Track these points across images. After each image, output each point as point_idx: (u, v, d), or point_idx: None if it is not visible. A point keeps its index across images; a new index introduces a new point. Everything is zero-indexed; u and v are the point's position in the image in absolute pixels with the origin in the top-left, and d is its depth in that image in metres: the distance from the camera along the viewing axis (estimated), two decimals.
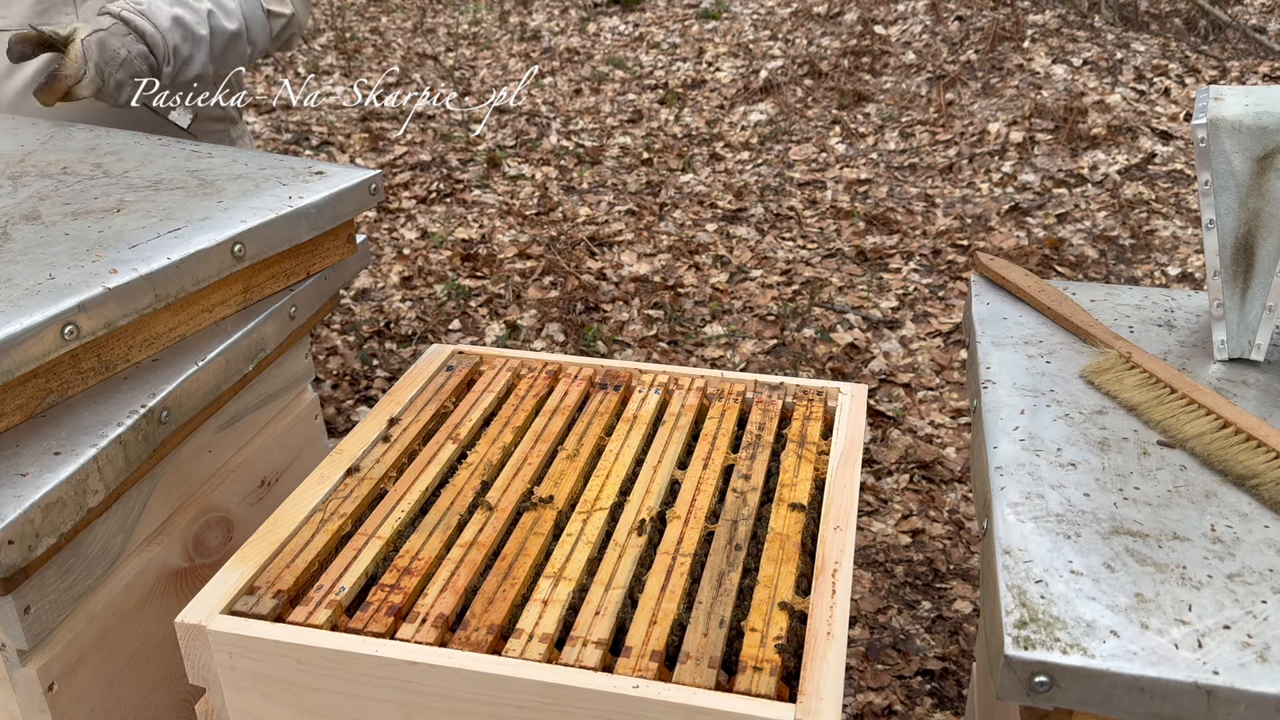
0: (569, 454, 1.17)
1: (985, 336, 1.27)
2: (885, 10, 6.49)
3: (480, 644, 0.91)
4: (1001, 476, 1.01)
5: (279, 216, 1.23)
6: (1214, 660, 0.81)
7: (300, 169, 1.35)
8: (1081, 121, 5.09)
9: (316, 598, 0.96)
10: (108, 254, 1.11)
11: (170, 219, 1.20)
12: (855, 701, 2.35)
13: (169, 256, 1.11)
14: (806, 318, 3.87)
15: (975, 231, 4.40)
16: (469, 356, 1.37)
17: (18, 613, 0.98)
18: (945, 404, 3.38)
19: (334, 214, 1.30)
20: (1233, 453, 1.03)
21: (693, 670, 0.87)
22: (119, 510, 1.10)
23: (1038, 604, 0.86)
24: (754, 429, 1.21)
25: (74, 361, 1.06)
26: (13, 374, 0.98)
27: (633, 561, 1.00)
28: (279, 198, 1.26)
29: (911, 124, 5.39)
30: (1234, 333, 1.19)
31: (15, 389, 1.01)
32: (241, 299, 1.24)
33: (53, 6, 1.62)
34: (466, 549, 1.02)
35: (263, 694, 0.94)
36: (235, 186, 1.30)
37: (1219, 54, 5.66)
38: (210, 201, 1.25)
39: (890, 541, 2.82)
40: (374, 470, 1.15)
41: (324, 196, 1.28)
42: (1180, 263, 4.10)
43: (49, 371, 1.04)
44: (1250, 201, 1.14)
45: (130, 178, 1.33)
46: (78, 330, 1.03)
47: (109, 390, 1.10)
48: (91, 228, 1.18)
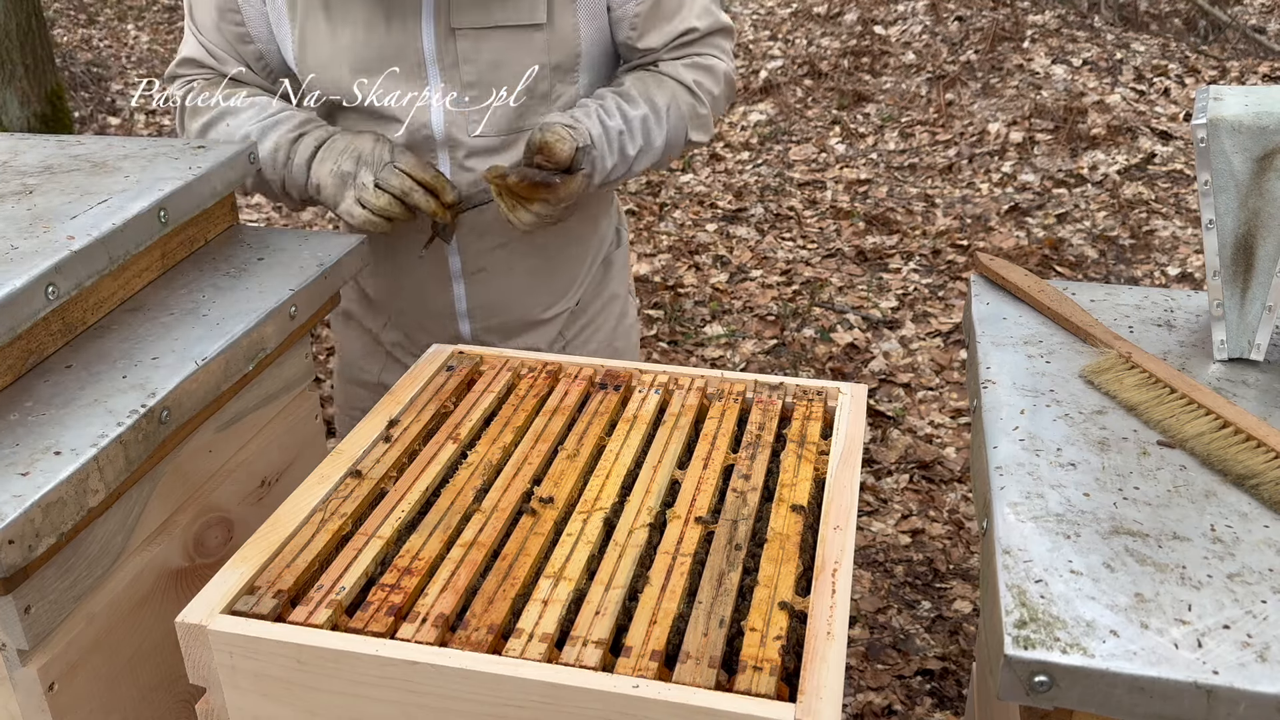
0: (569, 454, 1.17)
1: (985, 336, 1.27)
2: (885, 10, 6.50)
3: (480, 644, 0.91)
4: (1001, 476, 1.01)
5: (190, 182, 1.32)
6: (1214, 660, 0.81)
7: (180, 146, 1.42)
8: (1081, 121, 5.09)
9: (317, 597, 0.96)
10: (54, 226, 1.18)
11: (90, 194, 1.26)
12: (855, 701, 2.35)
13: (113, 222, 1.20)
14: (806, 318, 3.87)
15: (975, 231, 4.40)
16: (469, 356, 1.37)
17: (18, 613, 0.98)
18: (945, 404, 3.38)
19: (227, 180, 1.40)
20: (1232, 453, 1.03)
21: (693, 670, 0.87)
22: (119, 510, 1.10)
23: (1038, 604, 0.86)
24: (754, 429, 1.21)
25: (45, 324, 1.15)
26: (15, 332, 1.07)
27: (633, 561, 1.00)
28: (179, 169, 1.34)
29: (911, 124, 5.39)
30: (1234, 333, 1.19)
31: (5, 351, 1.09)
32: (160, 265, 1.34)
33: (529, 108, 1.54)
34: (466, 549, 1.02)
35: (263, 694, 0.94)
36: (130, 164, 1.36)
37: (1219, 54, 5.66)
38: (117, 178, 1.31)
39: (890, 541, 2.82)
40: (374, 470, 1.15)
41: (218, 164, 1.37)
42: (1180, 263, 4.10)
43: (29, 334, 1.12)
44: (1250, 201, 1.14)
45: (15, 166, 1.36)
46: (58, 290, 1.11)
47: (109, 390, 1.10)
48: (18, 208, 1.23)
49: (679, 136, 1.60)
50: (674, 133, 1.59)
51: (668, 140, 1.58)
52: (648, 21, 1.55)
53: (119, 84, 6.28)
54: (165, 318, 1.24)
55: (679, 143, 1.61)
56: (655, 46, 1.58)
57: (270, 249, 1.40)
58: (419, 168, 1.47)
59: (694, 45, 1.61)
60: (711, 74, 1.62)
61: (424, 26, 1.48)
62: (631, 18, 1.55)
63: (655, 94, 1.56)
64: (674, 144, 1.60)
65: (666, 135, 1.57)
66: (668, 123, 1.56)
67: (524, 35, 1.49)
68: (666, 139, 1.58)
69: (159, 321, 1.23)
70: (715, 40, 1.63)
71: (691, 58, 1.61)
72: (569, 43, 1.52)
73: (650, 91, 1.56)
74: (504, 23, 1.48)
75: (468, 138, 1.54)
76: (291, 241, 1.43)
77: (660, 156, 1.60)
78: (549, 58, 1.51)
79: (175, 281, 1.32)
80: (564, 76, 1.55)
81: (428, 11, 1.47)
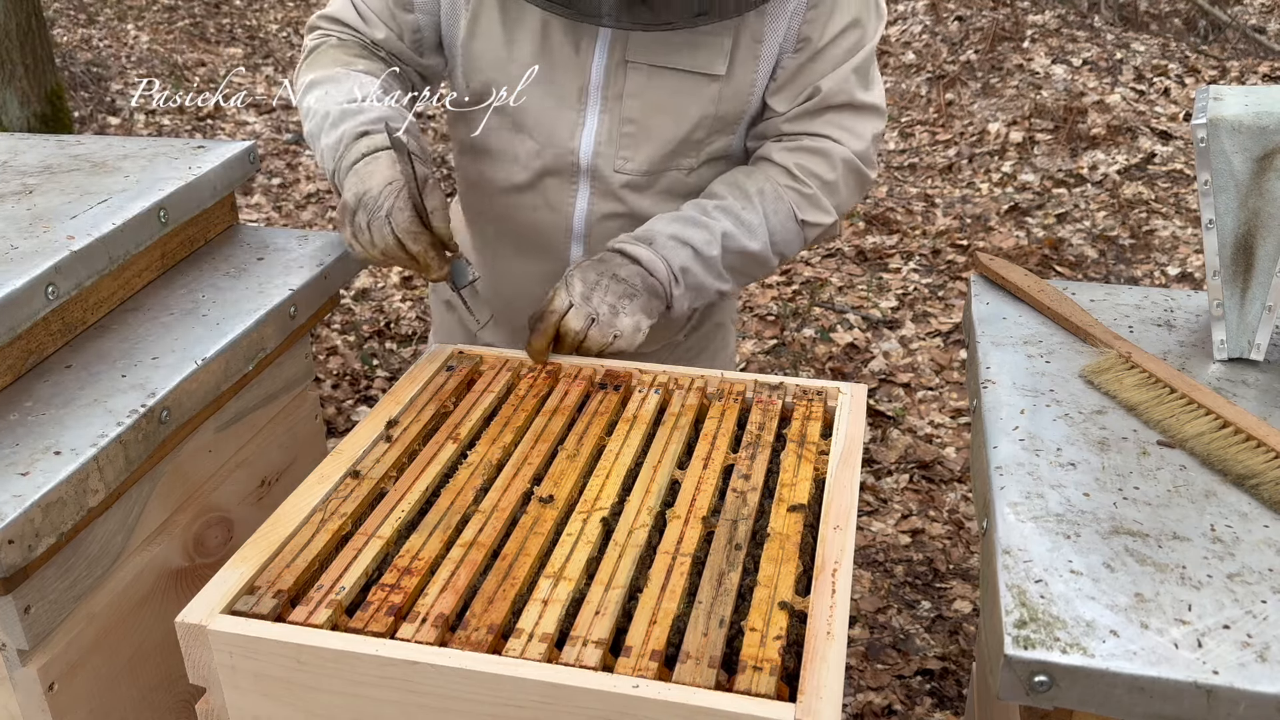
0: (569, 454, 1.17)
1: (985, 336, 1.27)
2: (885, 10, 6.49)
3: (480, 644, 0.91)
4: (1001, 476, 1.01)
5: (189, 182, 1.32)
6: (1214, 660, 0.81)
7: (180, 146, 1.42)
8: (1081, 121, 5.09)
9: (317, 597, 0.96)
10: (54, 226, 1.18)
11: (89, 194, 1.26)
12: (855, 701, 2.35)
13: (113, 222, 1.20)
14: (806, 318, 3.87)
15: (975, 231, 4.40)
16: (469, 356, 1.37)
17: (18, 613, 0.98)
18: (945, 404, 3.38)
19: (228, 180, 1.40)
20: (1232, 452, 1.03)
21: (693, 670, 0.87)
22: (119, 510, 1.10)
23: (1038, 604, 0.86)
24: (754, 429, 1.21)
25: (45, 324, 1.15)
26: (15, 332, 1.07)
27: (633, 561, 1.00)
28: (178, 169, 1.34)
29: (911, 124, 5.39)
30: (1234, 333, 1.19)
31: (5, 351, 1.09)
32: (160, 265, 1.33)
33: (679, 152, 1.46)
34: (466, 549, 1.02)
35: (263, 694, 0.94)
36: (130, 164, 1.36)
37: (1219, 54, 5.66)
38: (116, 178, 1.31)
39: (890, 541, 2.82)
40: (374, 470, 1.15)
41: (217, 164, 1.37)
42: (1180, 263, 4.10)
43: (29, 334, 1.12)
44: (1250, 201, 1.14)
45: (15, 166, 1.36)
46: (57, 290, 1.12)
47: (109, 390, 1.10)
48: (18, 208, 1.23)
49: (783, 224, 1.46)
50: (775, 221, 1.45)
51: (771, 233, 1.45)
52: (789, 79, 1.44)
53: (119, 84, 6.28)
54: (165, 318, 1.24)
55: (787, 230, 1.47)
56: (783, 110, 1.46)
57: (270, 249, 1.40)
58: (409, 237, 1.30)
59: (816, 118, 1.46)
60: (820, 157, 1.46)
61: (597, 50, 1.41)
62: (780, 70, 1.44)
63: (745, 184, 1.45)
64: (779, 232, 1.46)
65: (766, 228, 1.44)
66: (764, 214, 1.44)
67: (699, 82, 1.41)
68: (770, 234, 1.45)
69: (159, 321, 1.23)
70: (844, 118, 1.46)
71: (801, 139, 1.47)
72: (741, 96, 1.44)
73: (739, 185, 1.45)
74: (681, 66, 1.40)
75: (611, 172, 1.47)
76: (291, 241, 1.43)
77: (764, 245, 1.45)
78: (717, 109, 1.44)
79: (175, 281, 1.32)
80: (725, 128, 1.47)
81: (604, 37, 1.40)
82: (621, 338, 1.35)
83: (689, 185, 1.50)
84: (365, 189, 1.33)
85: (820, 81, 1.43)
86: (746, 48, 1.40)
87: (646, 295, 1.38)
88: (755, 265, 1.48)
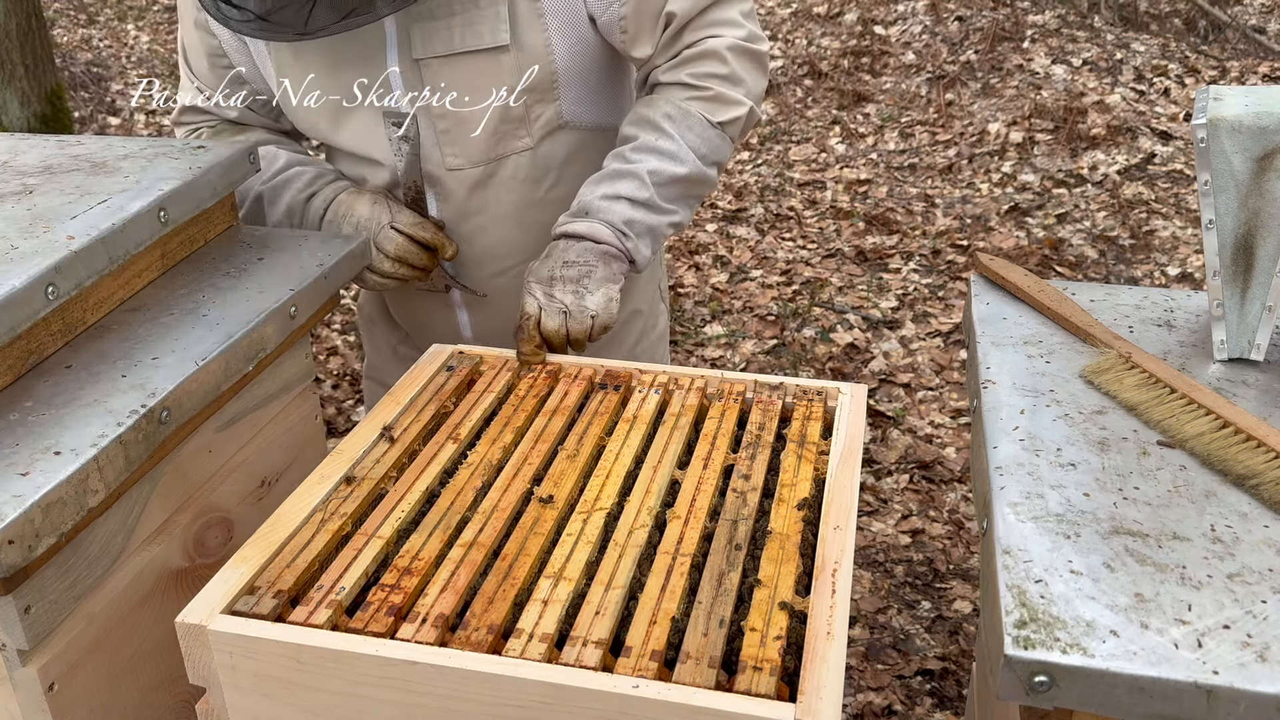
0: (569, 454, 1.17)
1: (985, 336, 1.27)
2: (885, 10, 6.49)
3: (480, 644, 0.91)
4: (1001, 476, 1.01)
5: (190, 181, 1.31)
6: (1214, 660, 0.81)
7: (180, 146, 1.42)
8: (1081, 121, 5.08)
9: (317, 598, 0.96)
10: (54, 226, 1.18)
11: (90, 194, 1.26)
12: (855, 701, 2.35)
13: (113, 222, 1.20)
14: (806, 318, 3.87)
15: (975, 231, 4.40)
16: (469, 357, 1.37)
17: (18, 613, 0.98)
18: (945, 404, 3.38)
19: (228, 180, 1.39)
20: (1232, 453, 1.03)
21: (692, 670, 0.87)
22: (119, 510, 1.10)
23: (1038, 604, 0.86)
24: (754, 429, 1.21)
25: (45, 324, 1.15)
26: (15, 332, 1.07)
27: (633, 561, 1.00)
28: (179, 168, 1.34)
29: (911, 124, 5.38)
30: (1234, 333, 1.19)
31: (5, 351, 1.09)
32: (160, 265, 1.33)
33: (505, 133, 1.47)
34: (466, 549, 1.02)
35: (263, 694, 0.94)
36: (130, 164, 1.35)
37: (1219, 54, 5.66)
38: (117, 178, 1.31)
39: (890, 541, 2.82)
40: (374, 470, 1.15)
41: (218, 164, 1.37)
42: (1180, 263, 4.10)
43: (29, 334, 1.12)
44: (1250, 201, 1.14)
45: (15, 166, 1.36)
46: (58, 290, 1.11)
47: (109, 390, 1.10)
48: (17, 208, 1.23)
49: (701, 135, 1.44)
50: (692, 137, 1.44)
51: (693, 150, 1.44)
52: (635, 23, 1.44)
53: (119, 84, 6.28)
54: (165, 318, 1.24)
55: (708, 139, 1.45)
56: (648, 54, 1.46)
57: (270, 249, 1.40)
58: (418, 226, 1.42)
59: (684, 35, 1.45)
60: (706, 58, 1.44)
61: (389, 59, 1.43)
62: (619, 22, 1.44)
63: (650, 115, 1.44)
64: (701, 145, 1.45)
65: (688, 148, 1.43)
66: (679, 137, 1.43)
67: (490, 59, 1.42)
68: (693, 152, 1.44)
69: (159, 321, 1.23)
70: (709, 18, 1.45)
71: (681, 53, 1.45)
72: (541, 61, 1.44)
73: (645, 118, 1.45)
74: (466, 48, 1.41)
75: (445, 172, 1.49)
76: (291, 242, 1.43)
77: (692, 167, 1.45)
78: (519, 78, 1.44)
79: (175, 281, 1.32)
80: (541, 97, 1.47)
81: (391, 44, 1.42)
82: (599, 316, 1.38)
83: (538, 162, 1.51)
84: (356, 219, 1.43)
85: (666, 8, 1.43)
86: (526, 9, 1.41)
87: (603, 265, 1.40)
88: (694, 185, 1.49)
